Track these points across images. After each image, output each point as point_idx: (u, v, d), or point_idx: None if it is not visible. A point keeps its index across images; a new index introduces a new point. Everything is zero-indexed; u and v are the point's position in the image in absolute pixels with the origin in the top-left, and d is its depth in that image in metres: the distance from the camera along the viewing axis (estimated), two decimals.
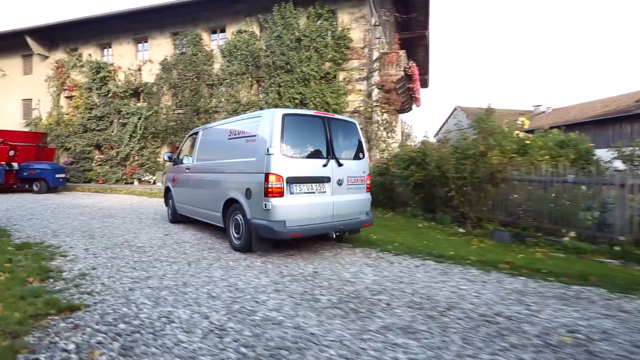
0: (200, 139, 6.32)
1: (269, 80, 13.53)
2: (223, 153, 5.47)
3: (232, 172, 5.04)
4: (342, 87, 12.92)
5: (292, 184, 4.32)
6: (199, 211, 5.99)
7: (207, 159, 6.04)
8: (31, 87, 19.11)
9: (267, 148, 4.26)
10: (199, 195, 6.04)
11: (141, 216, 8.05)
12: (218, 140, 5.81)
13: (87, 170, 17.28)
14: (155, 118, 15.81)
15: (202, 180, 5.97)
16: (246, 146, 4.78)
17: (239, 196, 4.68)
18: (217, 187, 5.34)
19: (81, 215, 8.10)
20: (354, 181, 4.93)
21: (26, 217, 7.69)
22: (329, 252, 4.87)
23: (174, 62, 15.52)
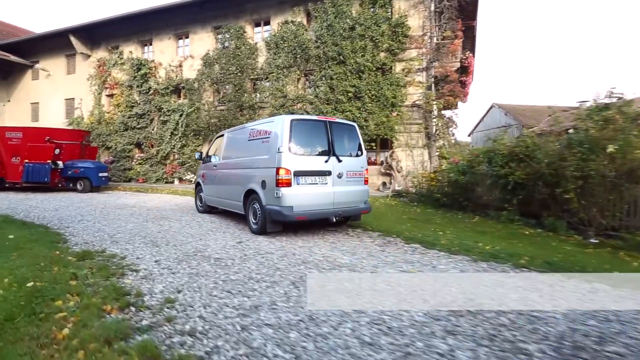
0: (226, 140, 7.22)
1: (319, 72, 12.60)
2: (244, 152, 6.35)
3: (251, 168, 5.97)
4: (399, 79, 11.80)
5: (299, 176, 5.24)
6: (224, 201, 6.95)
7: (231, 157, 6.89)
8: (74, 87, 19.16)
9: (278, 147, 5.22)
10: (224, 188, 6.99)
11: (196, 218, 7.28)
12: (240, 141, 6.69)
13: (127, 169, 17.00)
14: (196, 115, 15.27)
15: (227, 176, 6.90)
16: (262, 146, 5.72)
17: (256, 187, 5.65)
18: (239, 180, 6.27)
19: (132, 216, 7.42)
20: (352, 175, 5.77)
21: (77, 219, 7.09)
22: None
23: (216, 56, 14.91)
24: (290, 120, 5.33)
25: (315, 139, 5.60)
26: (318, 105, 12.36)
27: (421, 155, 12.08)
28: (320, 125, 5.66)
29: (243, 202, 6.03)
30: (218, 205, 7.34)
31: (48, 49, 19.90)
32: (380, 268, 3.88)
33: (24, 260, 3.66)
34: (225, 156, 7.09)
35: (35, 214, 7.80)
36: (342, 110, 12.06)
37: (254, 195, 5.72)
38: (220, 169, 7.13)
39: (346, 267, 3.91)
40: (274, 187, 5.17)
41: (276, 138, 5.33)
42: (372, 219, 7.28)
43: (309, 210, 5.26)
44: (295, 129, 5.32)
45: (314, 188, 5.38)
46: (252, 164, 5.89)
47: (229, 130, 7.34)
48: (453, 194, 8.22)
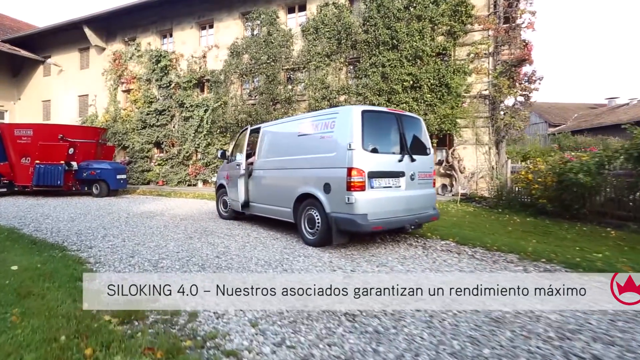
0: (263, 137, 6.15)
1: (367, 59, 10.98)
2: (293, 149, 5.34)
3: (305, 168, 4.99)
4: (463, 65, 10.14)
5: (373, 178, 4.39)
6: (264, 207, 5.90)
7: (272, 155, 5.82)
8: (88, 82, 17.82)
9: (349, 143, 4.31)
10: (263, 192, 5.93)
11: (247, 230, 5.69)
12: (285, 137, 5.67)
13: (145, 170, 15.56)
14: (223, 110, 13.75)
15: (267, 177, 5.89)
16: (322, 142, 4.76)
17: (314, 191, 4.73)
18: (287, 183, 5.36)
19: (167, 229, 5.86)
20: (423, 176, 5.01)
21: (99, 233, 5.56)
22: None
23: (245, 45, 13.39)
24: (362, 112, 4.45)
25: (387, 134, 4.82)
26: (368, 97, 10.75)
27: (487, 154, 10.39)
28: (391, 119, 4.86)
29: (293, 209, 5.08)
30: (252, 211, 6.25)
31: (60, 42, 18.61)
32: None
33: (32, 330, 2.11)
34: (264, 154, 5.99)
35: (47, 225, 6.31)
36: (396, 102, 10.43)
37: (309, 200, 4.82)
38: (258, 169, 6.04)
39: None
40: (343, 191, 4.30)
41: (344, 132, 4.43)
42: (469, 231, 5.66)
43: (384, 218, 4.43)
44: (367, 121, 4.44)
45: (388, 192, 4.56)
46: (307, 163, 4.93)
47: (267, 125, 6.27)
48: (563, 199, 6.54)
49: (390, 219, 4.48)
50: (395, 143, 4.75)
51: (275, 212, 5.53)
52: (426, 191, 5.07)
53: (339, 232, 4.41)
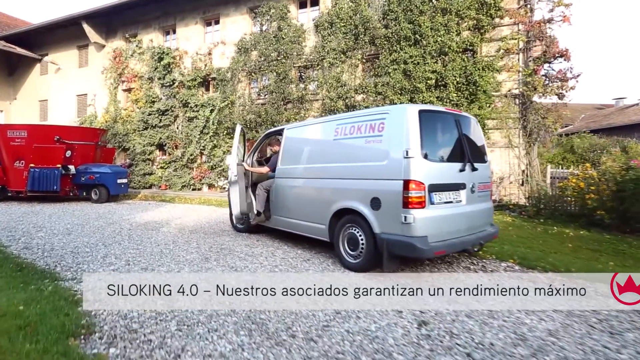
0: (286, 140, 5.31)
1: (388, 56, 10.21)
2: (327, 156, 4.58)
3: (345, 178, 4.20)
4: (493, 62, 9.38)
5: (433, 192, 3.62)
6: (289, 222, 5.10)
7: (299, 163, 5.00)
8: (87, 81, 17.04)
9: (406, 150, 3.54)
10: (288, 204, 5.12)
11: (269, 248, 4.90)
12: (317, 141, 4.88)
13: (147, 173, 14.77)
14: (230, 110, 12.98)
15: (294, 187, 5.05)
16: (367, 148, 3.98)
17: (359, 206, 3.91)
18: (320, 195, 4.61)
19: (177, 247, 5.07)
20: (482, 187, 4.24)
21: (99, 252, 4.77)
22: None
23: (254, 41, 12.62)
24: (419, 112, 3.68)
25: (446, 138, 4.07)
26: (389, 96, 9.98)
27: (518, 157, 9.63)
28: (449, 119, 4.09)
29: (329, 226, 4.31)
30: (274, 224, 5.47)
31: (58, 39, 17.83)
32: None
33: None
34: (288, 160, 5.20)
35: (39, 240, 5.52)
36: (420, 102, 9.67)
37: (350, 216, 4.06)
38: (281, 177, 5.26)
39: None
40: (397, 208, 3.54)
41: (397, 137, 3.66)
42: (524, 248, 4.90)
43: (447, 240, 3.66)
44: (424, 123, 3.67)
45: (449, 208, 3.80)
46: (348, 172, 4.16)
47: (292, 127, 5.49)
48: (623, 210, 5.78)
49: (453, 240, 3.71)
50: (455, 149, 3.99)
51: (304, 228, 4.75)
52: (485, 205, 4.33)
53: (391, 257, 3.64)
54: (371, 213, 3.76)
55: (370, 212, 3.78)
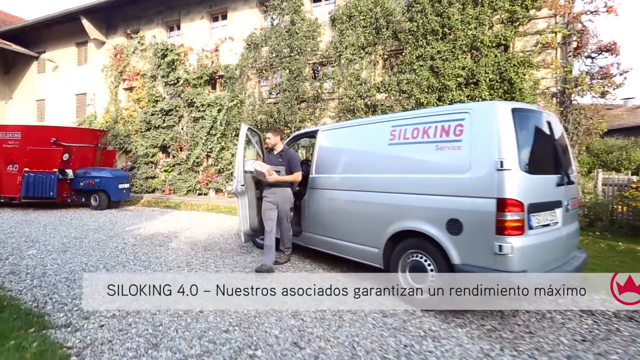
0: (322, 143, 4.55)
1: (414, 51, 9.40)
2: (379, 164, 3.70)
3: (407, 193, 3.34)
4: (530, 57, 8.57)
5: (532, 213, 2.82)
6: (326, 241, 4.25)
7: (339, 171, 4.20)
8: (86, 79, 16.21)
9: (500, 161, 2.74)
10: (326, 220, 4.29)
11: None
12: (364, 145, 3.99)
13: (150, 177, 13.93)
14: (239, 110, 12.16)
15: (333, 201, 4.19)
16: (440, 156, 3.17)
17: (429, 229, 3.11)
18: (371, 212, 3.67)
19: (192, 270, 4.26)
20: (574, 204, 3.48)
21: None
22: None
23: (265, 36, 11.81)
24: (512, 110, 2.91)
25: (540, 144, 3.20)
26: (415, 94, 9.17)
27: None
28: (541, 120, 3.25)
29: (384, 250, 3.52)
30: (307, 243, 4.65)
31: (56, 36, 17.01)
32: None
33: None
34: (324, 168, 4.42)
35: (30, 260, 4.71)
36: (449, 101, 8.88)
37: (415, 240, 3.25)
38: (315, 188, 4.49)
39: None
40: (487, 233, 2.76)
41: (486, 142, 2.87)
42: (601, 271, 4.07)
43: (546, 273, 2.88)
44: (519, 126, 2.88)
45: (547, 233, 2.99)
46: (411, 185, 3.34)
47: (328, 128, 4.69)
48: None
49: (554, 273, 2.92)
50: (549, 157, 3.25)
51: (348, 250, 3.94)
52: (575, 225, 3.56)
53: None
54: (447, 238, 2.97)
55: (446, 237, 2.98)
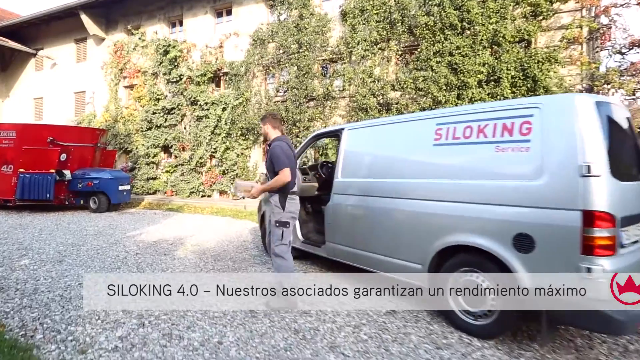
0: (349, 144, 3.99)
1: (431, 46, 8.93)
2: (422, 168, 3.20)
3: (460, 202, 2.83)
4: (555, 53, 8.11)
5: (622, 228, 2.30)
6: (355, 253, 3.72)
7: (371, 175, 3.67)
8: (85, 77, 15.71)
9: (586, 165, 2.23)
10: (355, 230, 3.74)
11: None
12: (402, 146, 3.44)
13: (151, 178, 13.45)
14: (244, 108, 11.68)
15: (363, 208, 3.64)
16: (501, 158, 2.67)
17: (490, 244, 2.60)
18: (412, 223, 3.18)
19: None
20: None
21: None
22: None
23: (272, 31, 11.34)
24: (595, 104, 2.40)
25: (626, 144, 2.77)
26: (433, 92, 8.70)
27: None
28: (623, 116, 2.75)
29: (428, 267, 3.00)
30: (331, 255, 4.05)
31: (54, 32, 16.52)
32: None
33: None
34: (353, 171, 3.85)
35: (21, 272, 4.22)
36: (469, 98, 8.42)
37: (469, 257, 2.78)
38: (344, 193, 3.88)
39: None
40: (570, 253, 2.26)
41: (564, 142, 2.38)
42: None
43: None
44: (604, 123, 2.39)
45: (637, 251, 2.47)
46: (466, 193, 2.83)
47: (356, 127, 4.08)
48: None
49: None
50: (635, 160, 2.74)
51: (381, 264, 3.44)
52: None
53: (551, 328, 2.39)
54: (514, 257, 2.48)
55: (512, 254, 2.49)
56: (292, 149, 3.28)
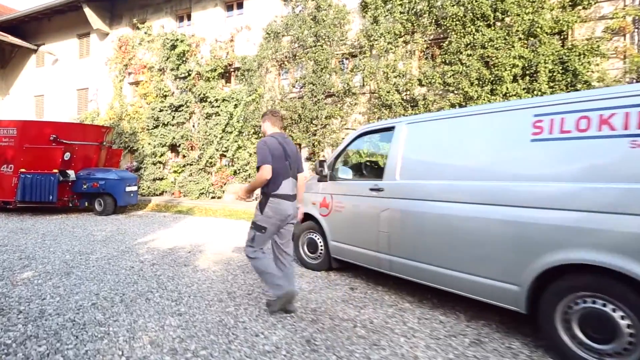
0: (410, 139, 3.38)
1: (461, 38, 8.37)
2: (517, 168, 2.61)
3: (583, 211, 2.25)
4: (597, 45, 7.54)
5: None
6: (421, 268, 3.12)
7: (447, 177, 3.02)
8: (88, 74, 15.17)
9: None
10: (421, 241, 3.14)
11: (393, 311, 3.03)
12: (488, 142, 2.86)
13: (158, 178, 12.88)
14: (256, 105, 11.11)
15: (436, 215, 3.02)
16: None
17: (632, 267, 2.01)
18: (509, 234, 2.57)
19: (239, 307, 3.16)
20: None
21: (120, 323, 2.83)
22: None
23: (286, 24, 10.77)
24: None
25: None
26: (464, 88, 8.14)
27: None
28: None
29: (529, 291, 2.44)
30: (383, 268, 3.50)
31: (56, 27, 15.98)
32: None
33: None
34: (417, 173, 3.29)
35: (24, 288, 3.63)
36: (502, 94, 7.85)
37: (591, 279, 2.22)
38: (403, 197, 3.32)
39: None
40: None
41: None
42: None
43: None
44: None
45: None
46: (587, 200, 2.24)
47: (418, 120, 3.47)
48: None
49: None
50: None
51: (457, 282, 2.86)
52: None
53: None
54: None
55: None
56: (285, 146, 2.97)
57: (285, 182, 2.93)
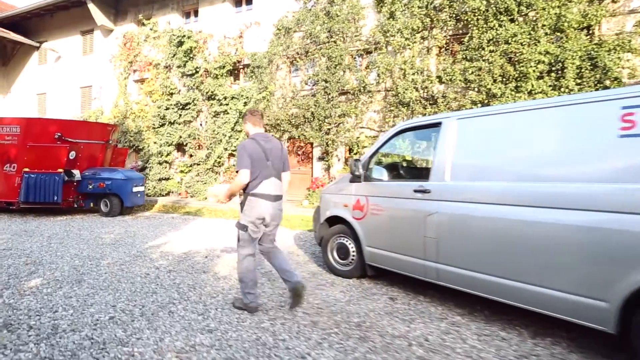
0: (462, 136, 3.05)
1: (484, 33, 8.05)
2: (602, 167, 2.30)
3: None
4: (628, 41, 7.23)
5: None
6: (485, 280, 2.75)
7: (511, 178, 2.70)
8: (92, 71, 14.85)
9: None
10: (483, 249, 2.78)
11: (446, 326, 2.68)
12: (562, 138, 2.53)
13: (164, 178, 12.55)
14: (267, 103, 10.79)
15: (499, 220, 2.69)
16: None
17: None
18: (596, 243, 2.23)
19: (277, 329, 2.87)
20: None
21: (145, 342, 2.51)
22: None
23: (298, 19, 10.45)
24: None
25: None
26: (486, 85, 7.82)
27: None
28: None
29: (619, 311, 2.10)
30: (431, 277, 3.19)
31: (58, 23, 15.66)
32: None
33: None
34: (475, 174, 2.96)
35: (32, 298, 3.31)
36: (527, 92, 7.53)
37: None
38: (452, 200, 3.00)
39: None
40: None
41: None
42: None
43: None
44: None
45: None
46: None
47: (471, 115, 3.13)
48: None
49: None
50: None
51: (527, 296, 2.51)
52: None
53: None
54: None
55: None
56: (265, 147, 2.98)
57: (267, 181, 2.94)
